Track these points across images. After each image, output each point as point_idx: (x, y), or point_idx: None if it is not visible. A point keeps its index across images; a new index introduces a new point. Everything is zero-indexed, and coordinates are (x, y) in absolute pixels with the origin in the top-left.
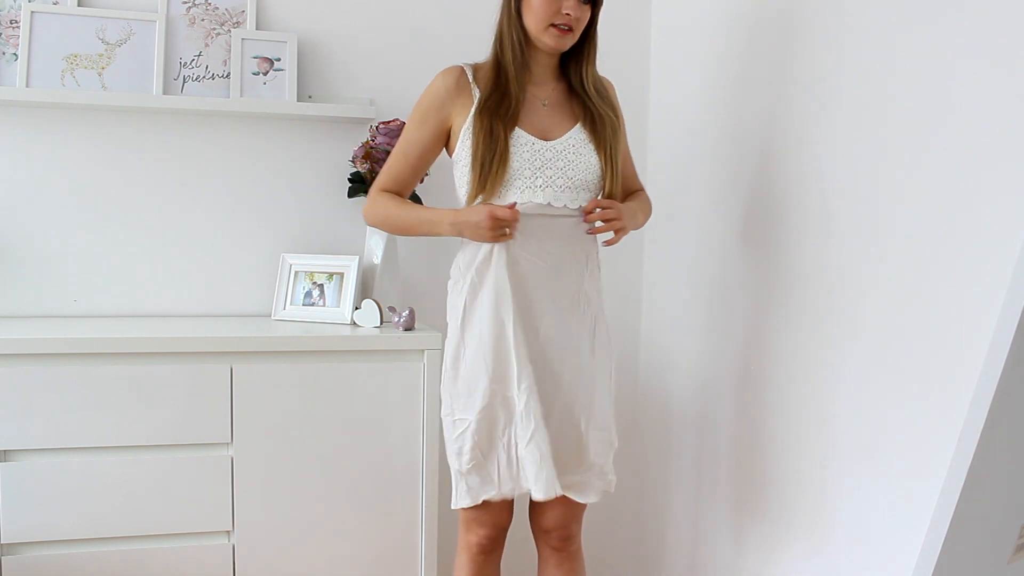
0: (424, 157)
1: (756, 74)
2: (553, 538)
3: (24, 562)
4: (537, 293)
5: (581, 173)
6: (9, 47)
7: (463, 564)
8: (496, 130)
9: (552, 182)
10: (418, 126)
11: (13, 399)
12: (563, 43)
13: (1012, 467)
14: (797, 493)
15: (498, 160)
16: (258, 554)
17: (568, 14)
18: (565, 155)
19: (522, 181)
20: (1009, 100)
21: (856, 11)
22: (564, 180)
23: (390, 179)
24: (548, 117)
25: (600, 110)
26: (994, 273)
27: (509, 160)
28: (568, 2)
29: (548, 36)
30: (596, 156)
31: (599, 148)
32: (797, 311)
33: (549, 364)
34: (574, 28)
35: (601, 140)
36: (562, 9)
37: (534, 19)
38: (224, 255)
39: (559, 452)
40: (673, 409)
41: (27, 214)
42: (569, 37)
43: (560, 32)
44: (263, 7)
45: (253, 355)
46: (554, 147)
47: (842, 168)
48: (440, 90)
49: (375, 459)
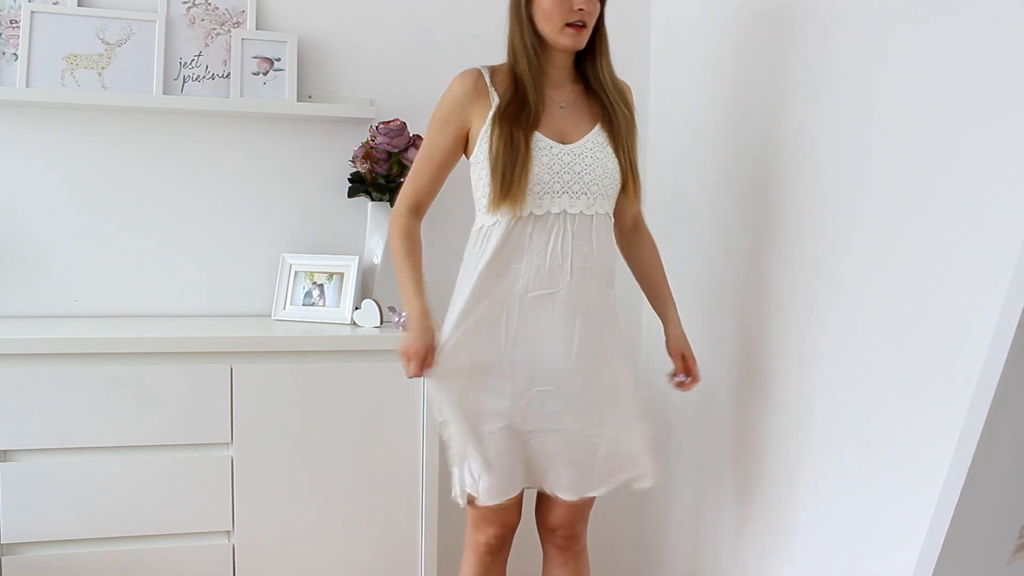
0: (446, 162)
1: (756, 73)
2: (558, 537)
3: (24, 562)
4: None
5: (598, 178)
6: (9, 47)
7: (470, 563)
8: (516, 138)
9: (569, 187)
10: (438, 132)
11: (13, 399)
12: (579, 41)
13: (1012, 467)
14: (797, 493)
15: (520, 168)
16: (258, 554)
17: (581, 9)
18: (583, 159)
19: (540, 186)
20: (1009, 98)
21: (854, 7)
22: (580, 185)
23: (415, 189)
24: (566, 119)
25: (617, 107)
26: (994, 273)
27: (530, 168)
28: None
29: (565, 36)
30: (614, 159)
31: (617, 149)
32: (797, 311)
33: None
34: (587, 23)
35: (619, 140)
36: (574, 5)
37: (548, 22)
38: (224, 255)
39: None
40: (673, 409)
41: (27, 214)
42: (584, 33)
43: (576, 30)
44: (263, 7)
45: (253, 355)
46: (572, 151)
47: (841, 168)
48: (458, 94)
49: (375, 459)
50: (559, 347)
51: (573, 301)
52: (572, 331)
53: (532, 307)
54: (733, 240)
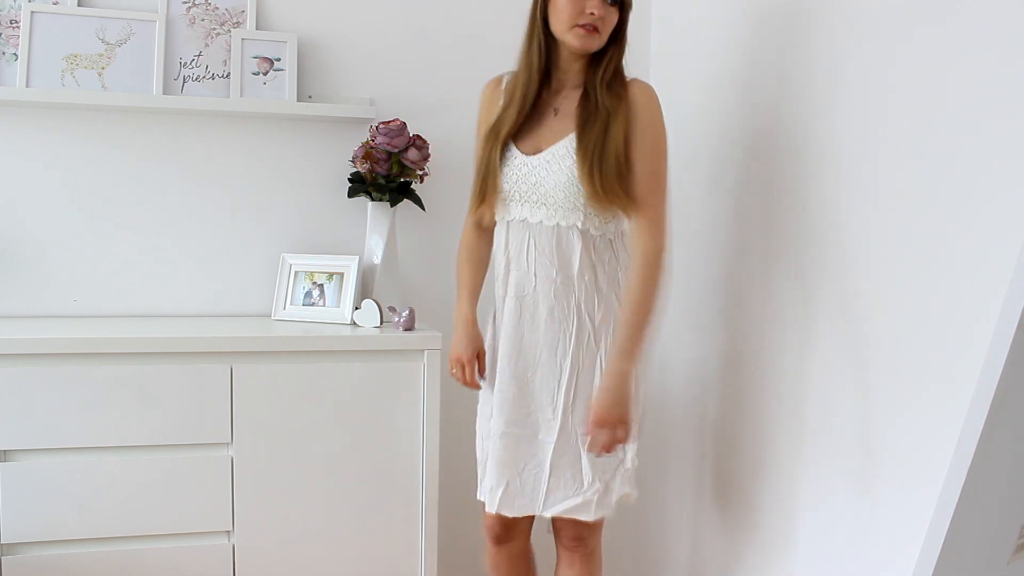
0: None
1: (757, 73)
2: (564, 537)
3: (24, 562)
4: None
5: (553, 189)
6: (9, 47)
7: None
8: (492, 150)
9: (527, 197)
10: (478, 140)
11: (13, 399)
12: (588, 43)
13: (1012, 467)
14: (797, 493)
15: (490, 179)
16: (258, 554)
17: (592, 13)
18: (538, 171)
19: (504, 194)
20: (1010, 99)
21: (855, 7)
22: (538, 196)
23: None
24: (549, 128)
25: (602, 112)
26: (994, 273)
27: (499, 179)
28: (592, 2)
29: (573, 36)
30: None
31: (584, 158)
32: (797, 313)
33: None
34: (600, 29)
35: (587, 148)
36: (586, 9)
37: (559, 20)
38: (224, 255)
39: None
40: (673, 410)
41: (27, 214)
42: (595, 38)
43: (586, 31)
44: (263, 7)
45: (253, 355)
46: (531, 162)
47: (841, 168)
48: (482, 104)
49: (375, 459)
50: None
51: (535, 310)
52: (528, 341)
53: (511, 310)
54: (733, 241)
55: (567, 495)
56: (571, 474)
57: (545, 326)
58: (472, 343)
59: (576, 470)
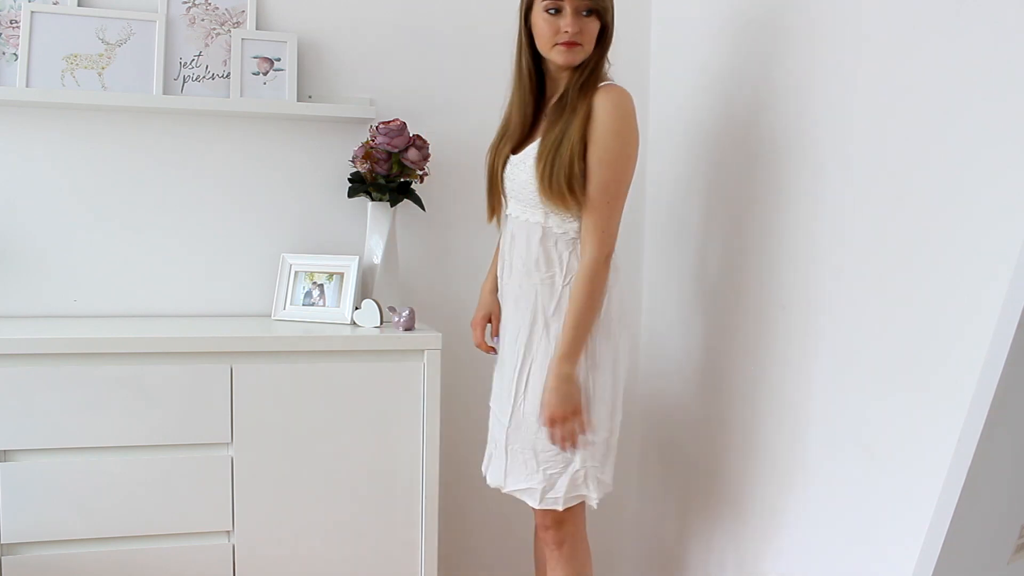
0: None
1: (757, 72)
2: (537, 525)
3: (24, 562)
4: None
5: (518, 188)
6: (9, 47)
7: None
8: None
9: (511, 194)
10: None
11: (13, 399)
12: (572, 58)
13: (1012, 467)
14: (797, 493)
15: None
16: (258, 554)
17: (567, 31)
18: (516, 168)
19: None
20: (1008, 98)
21: (856, 8)
22: (511, 193)
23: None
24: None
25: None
26: (994, 273)
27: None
28: (565, 20)
29: (556, 53)
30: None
31: (538, 154)
32: (796, 312)
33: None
34: (582, 43)
35: (544, 143)
36: (561, 28)
37: (540, 41)
38: (224, 255)
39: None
40: (673, 410)
41: (27, 214)
42: (578, 51)
43: (567, 47)
44: (263, 7)
45: (253, 355)
46: (513, 160)
47: (840, 168)
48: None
49: (375, 459)
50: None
51: (513, 298)
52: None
53: (501, 296)
54: (731, 239)
55: (518, 479)
56: (522, 460)
57: (511, 314)
58: (483, 308)
59: (528, 456)
